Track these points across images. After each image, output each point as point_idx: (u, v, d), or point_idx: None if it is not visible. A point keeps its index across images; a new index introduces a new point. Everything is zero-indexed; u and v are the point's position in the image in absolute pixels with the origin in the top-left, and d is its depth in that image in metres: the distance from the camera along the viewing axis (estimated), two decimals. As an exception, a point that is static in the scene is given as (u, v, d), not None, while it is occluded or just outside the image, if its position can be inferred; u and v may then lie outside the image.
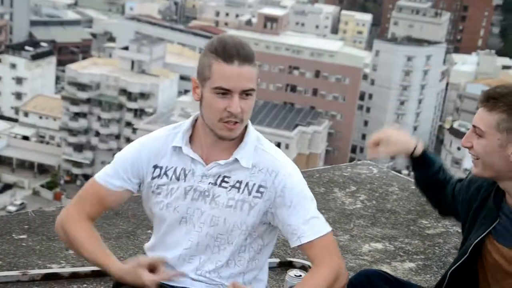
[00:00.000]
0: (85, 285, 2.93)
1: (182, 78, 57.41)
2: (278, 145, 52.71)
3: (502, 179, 2.17)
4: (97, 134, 55.91)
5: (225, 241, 2.13)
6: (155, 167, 2.16)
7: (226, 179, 2.11)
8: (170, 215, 2.15)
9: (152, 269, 2.07)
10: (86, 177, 56.16)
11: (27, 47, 62.87)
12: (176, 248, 2.15)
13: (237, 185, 2.11)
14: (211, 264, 2.14)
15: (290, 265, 3.17)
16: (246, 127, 2.14)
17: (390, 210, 3.98)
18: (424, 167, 2.45)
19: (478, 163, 2.18)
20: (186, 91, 55.28)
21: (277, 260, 3.21)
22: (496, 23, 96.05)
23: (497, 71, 70.76)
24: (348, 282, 2.32)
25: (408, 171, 55.97)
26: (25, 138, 55.92)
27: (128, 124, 55.10)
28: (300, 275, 2.67)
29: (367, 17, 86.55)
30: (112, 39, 72.28)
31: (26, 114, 57.90)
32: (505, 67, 72.72)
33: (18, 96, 61.20)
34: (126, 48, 59.02)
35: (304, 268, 3.16)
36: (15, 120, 58.34)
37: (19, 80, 60.96)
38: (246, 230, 2.12)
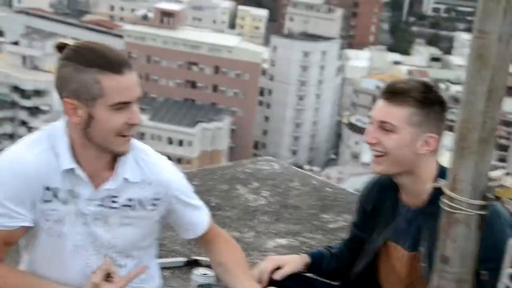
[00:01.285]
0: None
1: (78, 74, 55.77)
2: (181, 142, 52.47)
3: (403, 174, 2.19)
4: (-13, 134, 53.50)
5: (125, 257, 2.09)
6: (47, 189, 1.96)
7: (115, 199, 2.02)
8: (62, 242, 2.01)
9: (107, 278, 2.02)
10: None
11: None
12: (71, 274, 2.04)
13: (129, 203, 2.04)
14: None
15: (196, 263, 3.18)
16: None
17: (293, 205, 4.07)
18: (322, 265, 2.42)
19: (384, 159, 2.16)
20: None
21: (184, 259, 3.22)
22: (385, 20, 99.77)
23: (388, 66, 73.59)
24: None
25: (310, 166, 57.25)
26: None
27: (23, 123, 53.01)
28: (206, 273, 2.69)
29: (264, 13, 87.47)
30: (0, 33, 69.21)
31: None
32: (396, 63, 75.78)
33: None
34: (16, 43, 56.71)
35: (209, 266, 3.19)
36: None
37: None
38: (144, 241, 2.11)
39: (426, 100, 2.14)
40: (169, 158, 2.28)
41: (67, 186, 1.99)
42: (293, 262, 2.39)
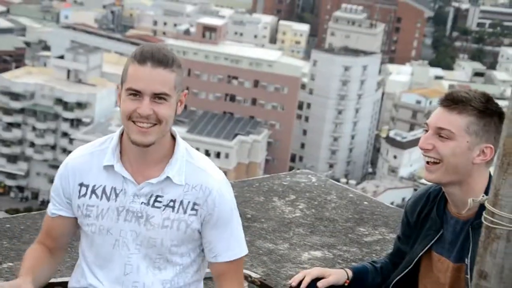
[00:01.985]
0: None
1: (120, 87, 56.67)
2: (218, 154, 52.78)
3: (456, 184, 2.16)
4: (32, 144, 54.56)
5: (165, 261, 2.10)
6: (81, 185, 2.11)
7: (159, 198, 2.07)
8: (104, 238, 2.09)
9: None
10: (20, 188, 54.75)
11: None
12: (113, 272, 2.10)
13: (171, 204, 2.07)
14: (158, 286, 2.10)
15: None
16: (174, 140, 2.10)
17: (328, 218, 4.03)
18: (367, 279, 2.38)
19: (437, 167, 2.12)
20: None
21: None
22: (428, 35, 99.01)
23: (430, 81, 72.93)
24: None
25: (347, 180, 56.92)
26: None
27: (65, 134, 54.02)
28: None
29: (305, 28, 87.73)
30: (46, 47, 70.77)
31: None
32: (437, 77, 75.04)
33: None
34: (61, 57, 57.93)
35: (244, 277, 3.16)
36: None
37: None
38: (184, 247, 2.11)
39: (487, 110, 2.12)
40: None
41: (109, 182, 2.07)
42: (338, 274, 2.35)
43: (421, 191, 2.33)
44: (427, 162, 2.15)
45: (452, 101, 2.12)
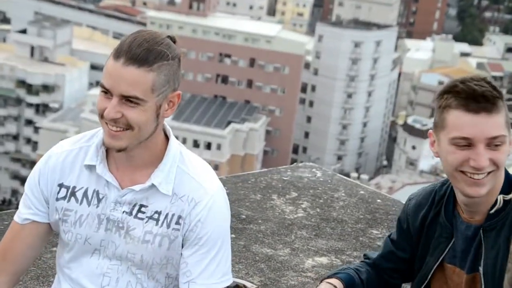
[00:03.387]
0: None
1: (94, 67, 56.65)
2: (209, 145, 52.84)
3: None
4: (-10, 134, 54.60)
5: (147, 277, 2.11)
6: (61, 186, 2.11)
7: (143, 208, 2.07)
8: (81, 247, 2.11)
9: None
10: (-23, 186, 54.74)
11: None
12: (92, 280, 2.11)
13: (155, 216, 2.07)
14: None
15: None
16: (168, 142, 2.09)
17: (336, 219, 4.05)
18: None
19: (493, 177, 2.11)
20: (98, 83, 54.52)
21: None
22: (453, 4, 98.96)
23: (454, 58, 72.96)
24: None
25: (358, 174, 57.03)
26: None
27: (29, 122, 53.97)
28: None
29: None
30: (6, 20, 70.59)
31: None
32: (463, 54, 75.04)
33: None
34: (23, 31, 57.78)
35: (237, 287, 3.18)
36: None
37: None
38: (169, 265, 2.11)
39: (502, 94, 2.13)
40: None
41: (91, 185, 2.08)
42: None
43: (424, 191, 2.33)
44: (482, 178, 2.11)
45: (481, 103, 2.07)
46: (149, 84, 1.97)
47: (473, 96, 2.07)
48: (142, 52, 1.96)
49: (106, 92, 1.99)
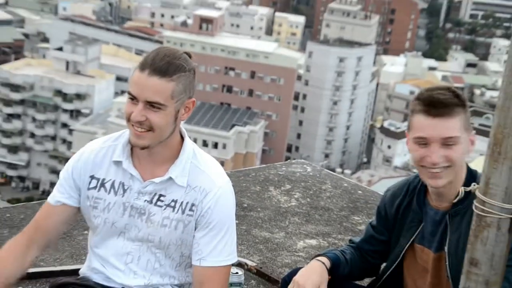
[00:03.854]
0: (20, 287, 2.85)
1: (119, 79, 56.57)
2: (216, 145, 52.75)
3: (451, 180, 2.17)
4: (32, 135, 54.46)
5: (164, 256, 2.13)
6: (92, 177, 2.14)
7: (161, 197, 2.10)
8: (108, 230, 2.14)
9: None
10: (21, 178, 54.73)
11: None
12: (117, 258, 2.14)
13: (172, 204, 2.09)
14: (159, 279, 2.13)
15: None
16: (183, 142, 2.11)
17: (323, 207, 4.04)
18: (339, 270, 2.33)
19: (450, 171, 2.10)
20: (122, 92, 54.54)
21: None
22: (422, 26, 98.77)
23: (423, 72, 72.86)
24: (282, 280, 2.35)
25: (342, 169, 56.94)
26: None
27: (64, 125, 53.91)
28: (237, 272, 2.68)
29: (300, 19, 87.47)
30: (45, 39, 70.50)
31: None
32: (431, 68, 74.95)
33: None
34: (60, 49, 57.70)
35: (240, 265, 3.17)
36: None
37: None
38: (183, 245, 2.12)
39: (465, 101, 2.12)
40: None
41: (118, 177, 2.11)
42: (324, 278, 2.25)
43: (400, 183, 2.33)
44: (437, 172, 2.10)
45: (437, 108, 2.06)
46: (170, 92, 1.99)
47: (433, 103, 2.07)
48: (164, 65, 1.98)
49: (133, 98, 2.01)
